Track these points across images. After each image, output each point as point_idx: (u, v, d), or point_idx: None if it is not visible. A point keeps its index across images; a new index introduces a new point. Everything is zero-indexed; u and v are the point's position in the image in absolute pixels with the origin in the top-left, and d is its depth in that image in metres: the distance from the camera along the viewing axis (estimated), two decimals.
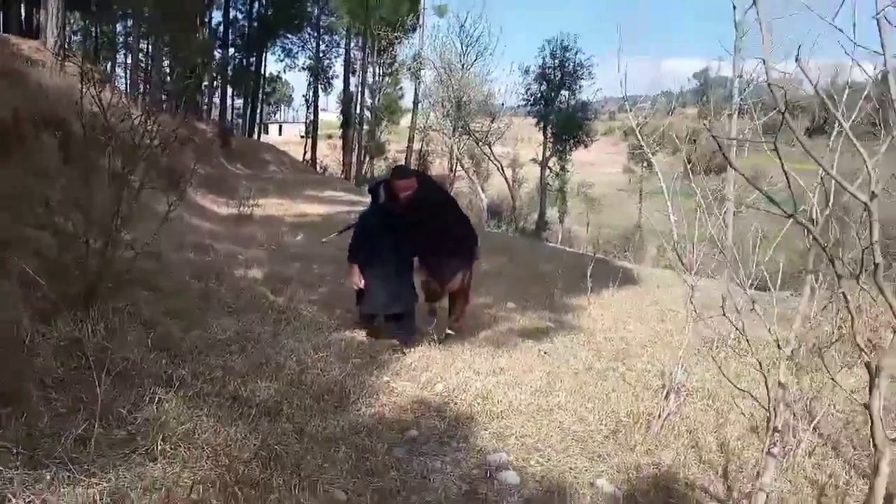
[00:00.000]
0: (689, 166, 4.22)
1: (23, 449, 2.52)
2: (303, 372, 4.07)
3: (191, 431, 2.96)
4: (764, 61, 1.78)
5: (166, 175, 7.01)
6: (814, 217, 2.21)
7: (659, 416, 3.90)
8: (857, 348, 1.79)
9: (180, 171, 8.87)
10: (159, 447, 2.76)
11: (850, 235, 2.27)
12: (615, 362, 5.37)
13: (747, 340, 2.50)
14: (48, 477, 2.45)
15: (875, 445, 1.76)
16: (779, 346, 2.38)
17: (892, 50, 1.56)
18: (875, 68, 2.00)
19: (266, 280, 6.59)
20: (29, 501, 2.30)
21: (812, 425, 3.51)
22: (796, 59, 1.52)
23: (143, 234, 4.67)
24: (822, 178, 2.02)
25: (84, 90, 3.71)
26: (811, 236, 2.09)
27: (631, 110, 5.75)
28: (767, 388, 2.43)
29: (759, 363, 2.41)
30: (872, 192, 1.54)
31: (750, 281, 4.11)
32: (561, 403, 4.22)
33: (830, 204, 2.18)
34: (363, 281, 5.02)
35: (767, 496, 2.66)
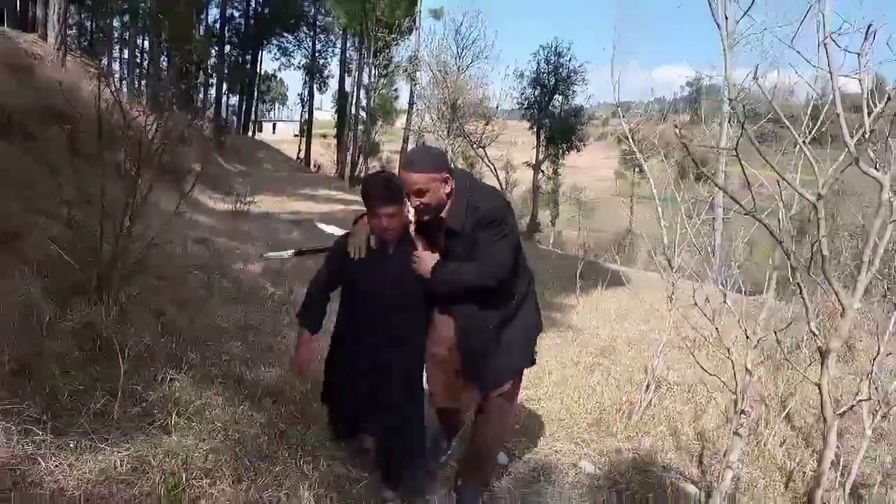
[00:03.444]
0: (679, 173, 4.44)
1: (48, 419, 2.71)
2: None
3: (202, 408, 3.17)
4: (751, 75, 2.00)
5: (168, 171, 7.18)
6: (779, 219, 2.44)
7: (640, 405, 4.13)
8: (810, 334, 2.02)
9: (181, 166, 9.06)
10: (173, 421, 2.97)
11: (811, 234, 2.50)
12: (601, 358, 5.61)
13: (717, 330, 2.73)
14: (72, 445, 2.65)
15: (824, 418, 1.99)
16: (746, 335, 2.62)
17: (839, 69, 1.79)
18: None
19: (264, 273, 6.79)
20: (57, 465, 2.50)
21: (783, 415, 3.75)
22: (754, 78, 1.75)
23: (147, 226, 4.87)
24: (778, 182, 2.24)
25: (101, 87, 3.88)
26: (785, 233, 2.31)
27: (623, 116, 6.00)
28: (734, 372, 2.67)
29: (728, 349, 2.65)
30: (819, 193, 1.77)
31: (731, 282, 4.37)
32: (548, 394, 4.45)
33: (795, 206, 2.41)
34: (321, 366, 3.12)
35: (735, 475, 2.89)
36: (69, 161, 6.08)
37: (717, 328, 2.68)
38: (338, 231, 11.24)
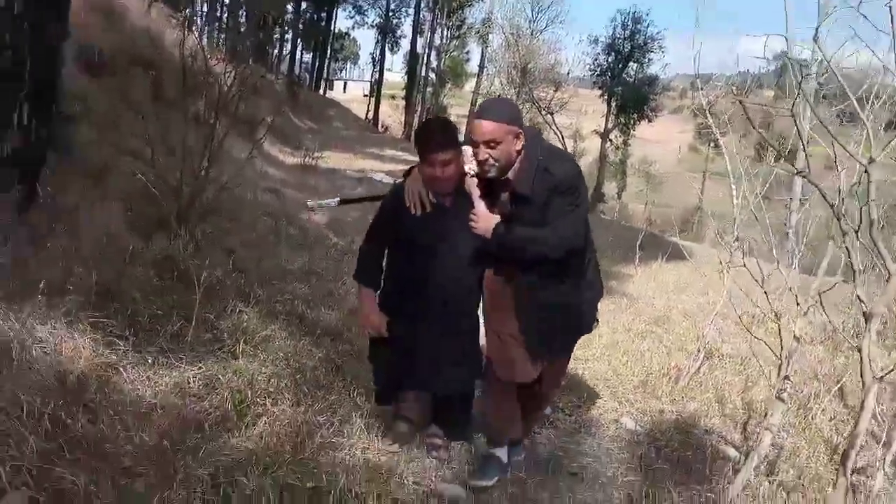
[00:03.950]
0: (756, 150, 4.27)
1: (130, 335, 2.98)
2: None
3: (266, 339, 3.40)
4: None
5: (243, 120, 7.47)
6: (839, 187, 2.41)
7: (688, 372, 4.16)
8: (858, 300, 2.02)
9: (254, 117, 9.38)
10: (241, 348, 3.21)
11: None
12: (654, 326, 5.61)
13: (766, 294, 2.73)
14: (150, 360, 2.92)
15: (863, 381, 2.01)
16: (797, 302, 2.61)
17: None
18: None
19: (329, 224, 7.05)
20: (136, 377, 2.77)
21: (834, 391, 3.71)
22: (814, 39, 1.74)
23: (221, 171, 5.14)
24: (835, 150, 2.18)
25: (185, 36, 4.10)
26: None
27: (702, 88, 5.84)
28: (781, 338, 2.67)
29: (776, 314, 2.65)
30: (871, 157, 1.76)
31: (797, 260, 4.29)
32: (596, 355, 4.52)
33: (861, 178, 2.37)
34: (386, 325, 2.81)
35: (777, 441, 2.92)
36: (151, 105, 6.44)
37: (765, 292, 2.68)
38: (388, 179, 11.43)
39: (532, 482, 2.80)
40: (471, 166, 2.54)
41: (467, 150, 2.54)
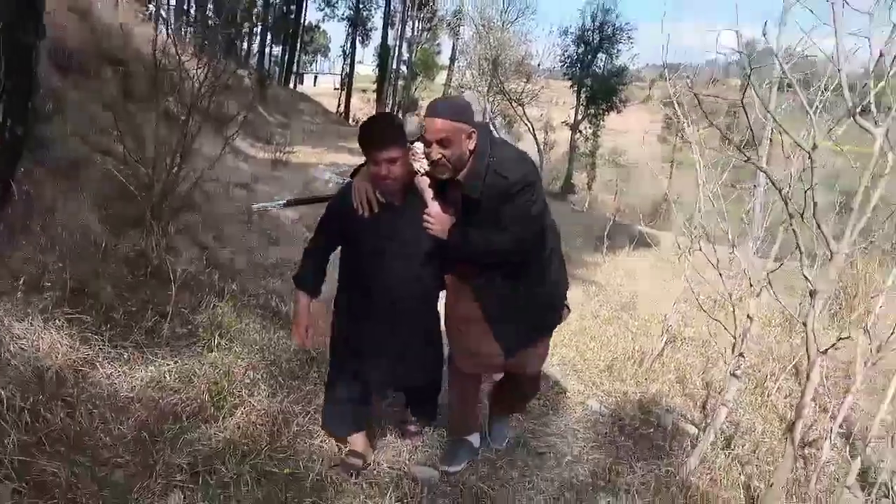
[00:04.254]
0: (721, 139, 4.32)
1: (105, 330, 3.03)
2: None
3: (241, 332, 3.48)
4: None
5: (213, 117, 7.46)
6: (790, 172, 2.56)
7: (651, 355, 4.32)
8: (805, 279, 2.17)
9: (224, 114, 9.35)
10: (216, 341, 3.27)
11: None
12: (621, 312, 5.78)
13: (720, 275, 2.89)
14: (125, 356, 2.98)
15: (808, 356, 2.16)
16: (751, 283, 2.77)
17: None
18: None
19: (301, 219, 7.09)
20: (112, 371, 2.82)
21: (787, 369, 3.90)
22: (763, 34, 1.87)
23: (193, 168, 5.15)
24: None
25: (157, 33, 4.11)
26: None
27: (668, 79, 5.96)
28: (735, 318, 2.83)
29: (730, 295, 2.81)
30: (814, 143, 1.90)
31: (756, 246, 4.47)
32: (564, 341, 4.65)
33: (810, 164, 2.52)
34: (311, 340, 2.75)
35: (733, 417, 3.08)
36: (123, 102, 6.40)
37: (720, 274, 2.83)
38: (335, 177, 11.45)
39: (501, 461, 2.92)
40: (421, 164, 2.42)
41: (418, 146, 2.41)
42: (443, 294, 2.76)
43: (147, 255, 3.94)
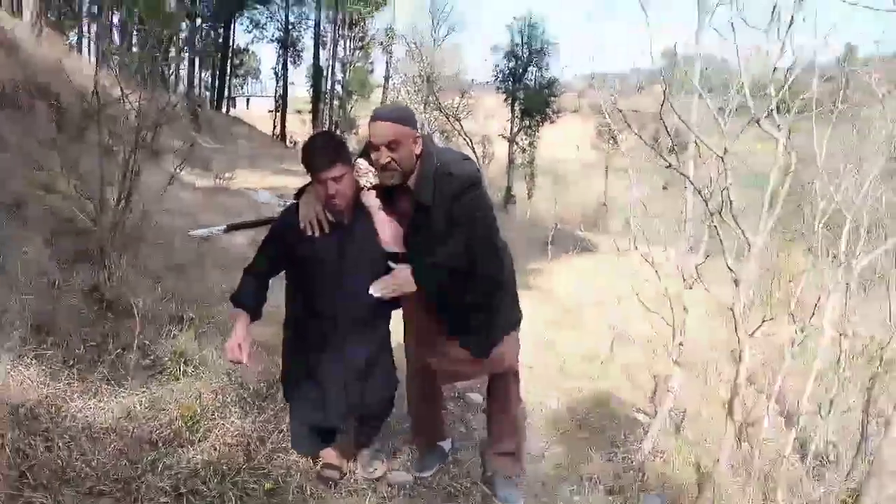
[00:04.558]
0: (653, 144, 4.62)
1: (73, 364, 3.04)
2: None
3: (205, 358, 3.52)
4: None
5: (148, 146, 7.41)
6: (714, 174, 2.83)
7: (600, 355, 4.58)
8: (729, 270, 2.43)
9: (160, 143, 9.25)
10: (182, 369, 3.32)
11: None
12: (569, 315, 6.06)
13: (656, 273, 3.15)
14: (94, 389, 3.00)
15: (738, 338, 2.42)
16: (683, 277, 3.03)
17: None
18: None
19: (250, 245, 7.10)
20: (84, 405, 2.85)
21: (727, 355, 4.21)
22: (675, 46, 2.11)
23: (136, 199, 5.15)
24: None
25: (97, 69, 4.14)
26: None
27: (598, 88, 6.32)
28: (672, 310, 3.08)
29: (665, 289, 3.07)
30: (725, 148, 2.17)
31: (689, 245, 4.80)
32: None
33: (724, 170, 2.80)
34: (246, 356, 2.47)
35: (678, 403, 3.34)
36: (57, 136, 6.31)
37: (656, 272, 3.09)
38: (272, 200, 11.47)
39: (469, 461, 3.08)
40: (367, 179, 2.43)
41: (361, 163, 2.43)
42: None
43: (101, 289, 3.93)
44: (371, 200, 2.49)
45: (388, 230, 2.46)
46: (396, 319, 2.81)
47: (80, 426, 2.65)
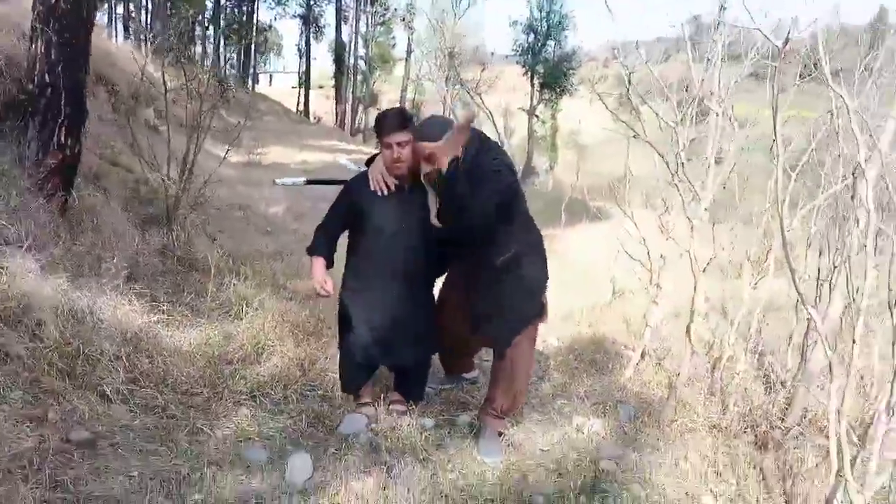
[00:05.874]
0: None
1: (157, 306, 3.76)
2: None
3: (261, 303, 4.22)
4: None
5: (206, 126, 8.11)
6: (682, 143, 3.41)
7: (600, 305, 5.20)
8: (687, 220, 3.03)
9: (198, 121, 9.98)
10: (244, 310, 4.02)
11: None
12: (578, 274, 6.67)
13: (637, 228, 3.74)
14: (176, 323, 3.71)
15: (693, 272, 3.03)
16: (662, 231, 3.63)
17: None
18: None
19: (286, 212, 7.83)
20: (171, 334, 3.56)
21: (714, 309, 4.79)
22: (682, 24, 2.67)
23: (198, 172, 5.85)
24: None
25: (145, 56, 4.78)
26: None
27: (619, 59, 6.75)
28: (649, 256, 3.68)
29: (643, 239, 3.65)
30: (677, 121, 2.75)
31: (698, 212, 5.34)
32: None
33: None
34: (331, 285, 3.04)
35: (662, 342, 3.96)
36: (114, 117, 7.03)
37: (635, 223, 3.69)
38: (352, 166, 12.17)
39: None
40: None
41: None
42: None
43: (170, 248, 4.66)
44: (428, 184, 2.87)
45: (435, 207, 2.85)
46: None
47: (172, 347, 3.37)
